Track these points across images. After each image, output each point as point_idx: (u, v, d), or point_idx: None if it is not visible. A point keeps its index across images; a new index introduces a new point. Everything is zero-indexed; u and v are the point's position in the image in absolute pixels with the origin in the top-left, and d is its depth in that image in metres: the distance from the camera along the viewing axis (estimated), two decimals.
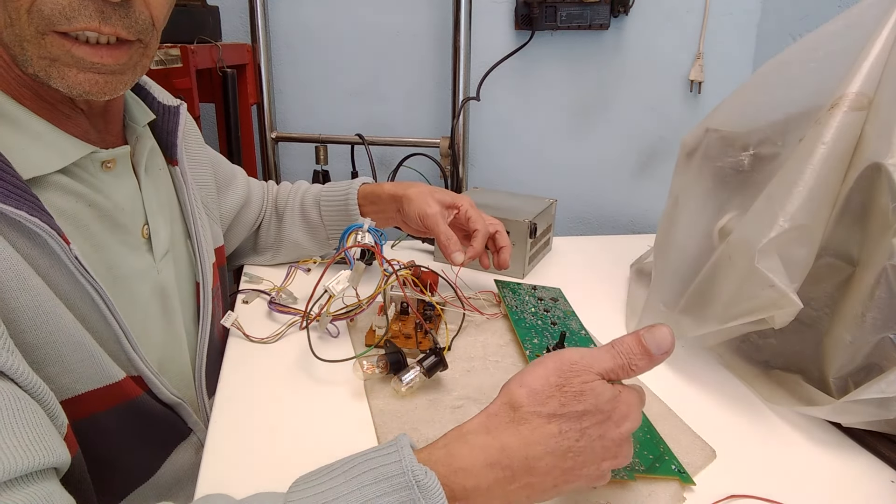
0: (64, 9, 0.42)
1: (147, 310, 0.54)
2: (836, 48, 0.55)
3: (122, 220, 0.52)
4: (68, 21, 0.42)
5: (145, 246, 0.55)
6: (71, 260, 0.44)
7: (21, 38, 0.43)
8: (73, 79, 0.45)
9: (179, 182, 0.61)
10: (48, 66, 0.44)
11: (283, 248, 0.82)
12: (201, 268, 0.61)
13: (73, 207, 0.48)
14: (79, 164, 0.48)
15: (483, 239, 0.70)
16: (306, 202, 0.81)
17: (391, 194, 0.74)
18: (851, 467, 0.49)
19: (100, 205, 0.50)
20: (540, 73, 1.27)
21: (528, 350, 0.61)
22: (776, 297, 0.49)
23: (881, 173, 0.47)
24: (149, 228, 0.55)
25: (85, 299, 0.46)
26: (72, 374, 0.45)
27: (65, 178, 0.47)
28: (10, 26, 0.43)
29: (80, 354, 0.45)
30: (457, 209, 0.71)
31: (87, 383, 0.46)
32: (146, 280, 0.54)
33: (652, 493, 0.45)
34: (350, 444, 0.50)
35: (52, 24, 0.42)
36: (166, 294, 0.56)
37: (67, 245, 0.43)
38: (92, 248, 0.49)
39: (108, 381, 0.48)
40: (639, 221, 1.40)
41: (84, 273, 0.45)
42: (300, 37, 1.22)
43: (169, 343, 0.57)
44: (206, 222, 0.66)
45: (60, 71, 0.44)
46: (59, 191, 0.47)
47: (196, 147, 0.69)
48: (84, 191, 0.48)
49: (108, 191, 0.51)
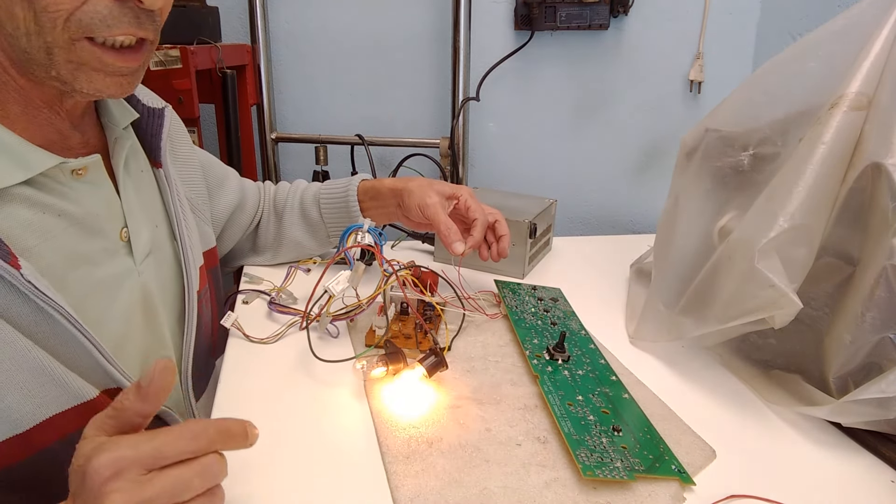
0: (105, 18, 0.43)
1: (128, 314, 0.53)
2: (836, 48, 0.55)
3: (98, 225, 0.51)
4: (108, 28, 0.44)
5: (124, 249, 0.54)
6: (23, 285, 0.42)
7: (51, 45, 0.43)
8: (101, 82, 0.46)
9: (164, 184, 0.60)
10: (75, 70, 0.45)
11: (283, 247, 0.82)
12: (186, 270, 0.61)
13: (41, 219, 0.46)
14: (47, 175, 0.47)
15: (482, 228, 0.71)
16: (306, 201, 0.81)
17: (391, 188, 0.75)
18: (851, 467, 0.49)
19: (70, 213, 0.48)
20: (540, 73, 1.27)
21: (527, 350, 0.61)
22: (776, 297, 0.49)
23: (881, 173, 0.47)
24: (128, 231, 0.54)
25: (47, 320, 0.44)
26: (35, 398, 0.44)
27: (30, 190, 0.46)
28: (39, 34, 0.43)
29: (41, 378, 0.44)
30: (456, 199, 0.72)
31: (53, 406, 0.45)
32: (126, 284, 0.53)
33: (652, 493, 0.45)
34: (350, 445, 0.50)
35: (88, 32, 0.44)
36: (149, 296, 0.56)
37: (17, 270, 0.42)
38: (62, 260, 0.48)
39: (78, 400, 0.46)
40: (639, 221, 1.40)
41: (41, 296, 0.43)
42: (300, 37, 1.22)
43: (152, 347, 0.57)
44: (194, 224, 0.65)
45: (88, 75, 0.45)
46: (24, 203, 0.45)
47: (184, 149, 0.68)
48: (51, 201, 0.47)
49: (80, 198, 0.49)
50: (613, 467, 0.46)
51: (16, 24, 0.43)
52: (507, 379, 0.59)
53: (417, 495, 0.44)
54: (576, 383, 0.57)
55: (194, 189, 0.68)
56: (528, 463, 0.48)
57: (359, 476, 0.47)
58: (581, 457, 0.47)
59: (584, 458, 0.47)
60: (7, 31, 0.43)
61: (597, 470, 0.46)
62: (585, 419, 0.51)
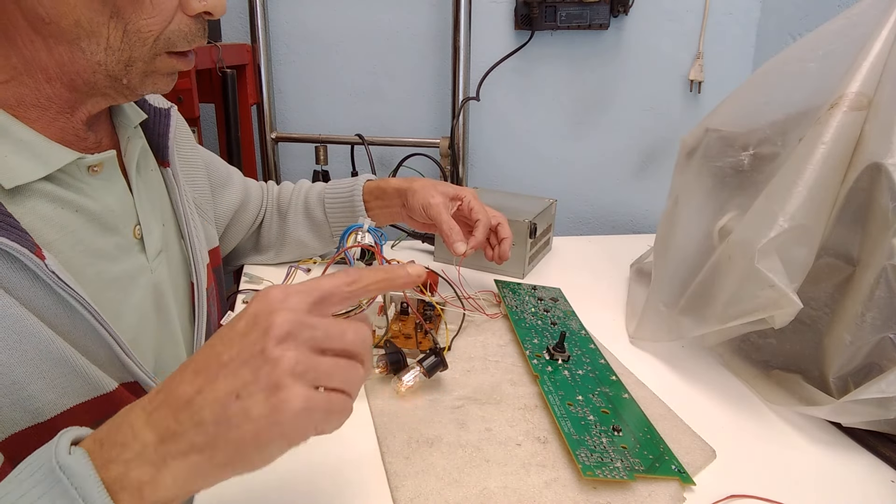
0: (186, 34, 0.47)
1: (142, 311, 0.54)
2: (836, 48, 0.55)
3: (112, 222, 0.51)
4: (189, 43, 0.48)
5: (137, 246, 0.54)
6: (47, 275, 0.43)
7: (134, 60, 0.46)
8: (163, 83, 0.50)
9: (171, 183, 0.61)
10: (145, 77, 0.48)
11: (287, 246, 0.82)
12: (195, 268, 0.61)
13: (60, 214, 0.47)
14: (64, 171, 0.48)
15: (484, 229, 0.71)
16: (310, 200, 0.81)
17: (396, 188, 0.76)
18: (851, 467, 0.49)
19: (88, 209, 0.49)
20: (540, 73, 1.27)
21: (527, 350, 0.61)
22: (776, 297, 0.49)
23: (881, 173, 0.47)
24: (141, 229, 0.54)
25: (68, 312, 0.45)
26: (57, 388, 0.44)
27: (50, 186, 0.47)
28: (124, 51, 0.45)
29: (62, 369, 0.44)
30: (460, 201, 0.73)
31: (74, 397, 0.45)
32: (140, 280, 0.54)
33: (652, 493, 0.45)
34: (350, 445, 0.50)
35: (172, 47, 0.47)
36: (161, 294, 0.56)
37: (42, 261, 0.42)
38: (81, 255, 0.48)
39: (98, 392, 0.47)
40: (639, 221, 1.40)
41: (64, 287, 0.44)
42: (300, 37, 1.22)
43: (165, 344, 0.57)
44: (199, 223, 0.66)
45: (154, 79, 0.49)
46: (45, 198, 0.46)
47: (188, 149, 0.69)
48: (70, 197, 0.48)
49: (96, 194, 0.50)
50: (613, 467, 0.46)
51: (97, 40, 0.44)
52: (507, 379, 0.59)
53: (417, 495, 0.44)
54: (576, 383, 0.57)
55: (198, 189, 0.69)
56: (528, 463, 0.48)
57: (359, 476, 0.47)
58: (581, 457, 0.47)
59: (584, 458, 0.47)
60: (79, 45, 0.44)
61: (597, 470, 0.46)
62: (585, 419, 0.51)
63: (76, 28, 0.43)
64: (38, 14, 0.42)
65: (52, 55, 0.45)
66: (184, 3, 0.47)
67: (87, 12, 0.43)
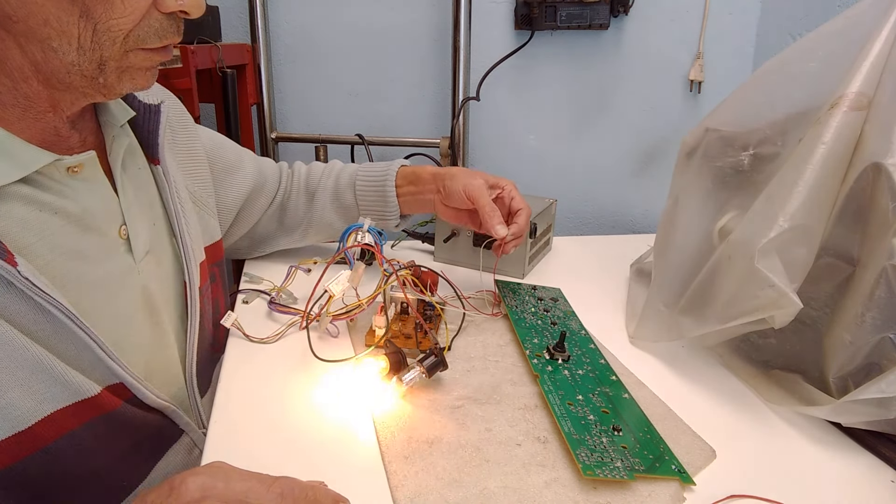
0: (157, 31, 0.47)
1: (129, 313, 0.53)
2: (836, 48, 0.55)
3: (95, 223, 0.51)
4: (160, 40, 0.47)
5: (124, 247, 0.53)
6: (20, 282, 0.42)
7: (106, 59, 0.46)
8: (142, 79, 0.49)
9: (162, 181, 0.60)
10: (122, 74, 0.47)
11: (313, 227, 0.82)
12: (187, 267, 0.61)
13: (38, 217, 0.46)
14: (42, 172, 0.47)
15: (527, 218, 0.71)
16: (341, 183, 0.80)
17: (433, 173, 0.76)
18: (851, 467, 0.49)
19: (67, 211, 0.48)
20: (540, 73, 1.27)
21: (528, 350, 0.61)
22: (776, 297, 0.49)
23: (881, 173, 0.47)
24: (127, 229, 0.54)
25: (47, 317, 0.45)
26: (35, 395, 0.44)
27: (27, 188, 0.46)
28: (95, 50, 0.45)
29: (40, 375, 0.44)
30: (500, 189, 0.72)
31: (54, 402, 0.45)
32: (126, 282, 0.53)
33: (652, 493, 0.45)
34: (350, 445, 0.50)
35: (142, 44, 0.46)
36: (150, 294, 0.55)
37: (14, 268, 0.42)
38: (61, 257, 0.48)
39: (80, 397, 0.47)
40: (639, 221, 1.40)
41: (38, 292, 0.43)
42: (300, 37, 1.22)
43: (155, 345, 0.57)
44: (196, 219, 0.65)
45: (132, 74, 0.48)
46: (21, 201, 0.46)
47: (186, 138, 0.68)
48: (49, 199, 0.47)
49: (77, 195, 0.49)
50: (613, 467, 0.46)
51: (68, 40, 0.44)
52: (507, 379, 0.59)
53: (417, 495, 0.44)
54: (576, 383, 0.57)
55: (197, 180, 0.68)
56: (528, 463, 0.48)
57: (359, 476, 0.47)
58: (581, 456, 0.47)
59: (584, 457, 0.47)
60: (51, 45, 0.44)
61: (597, 470, 0.46)
62: (585, 419, 0.51)
63: (45, 27, 0.43)
64: (5, 12, 0.42)
65: (25, 55, 0.44)
66: (158, 1, 0.46)
67: (55, 10, 0.42)
